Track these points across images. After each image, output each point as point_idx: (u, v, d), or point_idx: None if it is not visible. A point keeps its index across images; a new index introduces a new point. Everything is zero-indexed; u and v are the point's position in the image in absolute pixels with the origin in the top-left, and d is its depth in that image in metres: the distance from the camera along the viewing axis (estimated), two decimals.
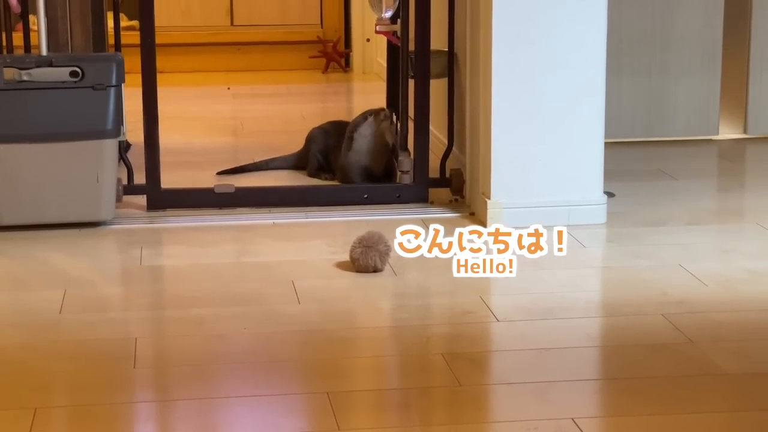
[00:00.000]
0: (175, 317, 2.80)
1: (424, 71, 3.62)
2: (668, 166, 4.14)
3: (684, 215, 3.55)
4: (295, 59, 6.35)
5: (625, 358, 2.51)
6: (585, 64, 3.38)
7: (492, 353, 2.60)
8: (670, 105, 4.51)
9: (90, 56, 3.51)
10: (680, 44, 4.47)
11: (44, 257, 3.21)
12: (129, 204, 3.61)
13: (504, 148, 3.40)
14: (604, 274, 3.11)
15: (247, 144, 4.66)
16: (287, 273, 3.04)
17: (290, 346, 2.60)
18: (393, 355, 2.60)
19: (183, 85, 5.88)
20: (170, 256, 3.27)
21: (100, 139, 3.36)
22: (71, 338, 2.63)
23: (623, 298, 2.87)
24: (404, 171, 3.68)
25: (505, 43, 3.35)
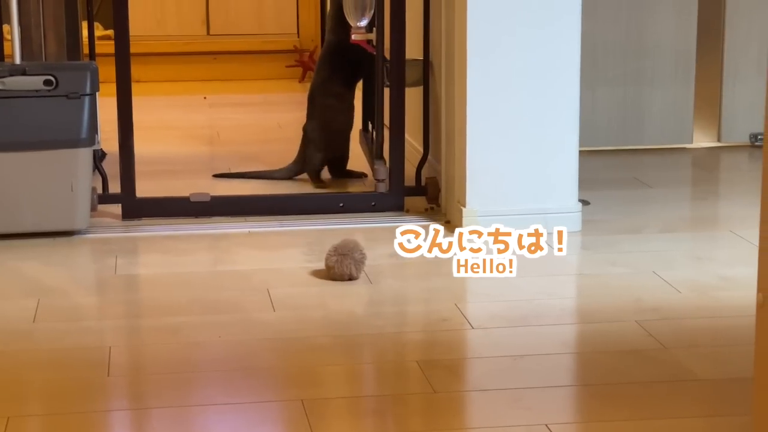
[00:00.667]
0: (149, 326, 2.80)
1: (400, 80, 3.63)
2: (643, 174, 4.16)
3: (658, 223, 3.57)
4: (271, 68, 6.35)
5: (600, 365, 2.52)
6: (559, 73, 3.40)
7: (467, 360, 2.60)
8: (645, 113, 4.53)
9: (64, 65, 3.50)
10: (654, 53, 4.50)
11: (18, 266, 3.20)
12: (104, 213, 3.60)
13: (479, 157, 3.41)
14: (578, 281, 3.12)
15: (224, 153, 4.65)
16: (262, 281, 3.04)
17: (265, 353, 2.59)
18: (368, 362, 2.61)
19: (159, 94, 5.87)
20: (145, 265, 3.26)
21: (75, 148, 3.35)
22: (45, 347, 2.62)
23: (598, 305, 2.88)
24: (380, 179, 3.68)
25: (480, 52, 3.36)
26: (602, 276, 3.09)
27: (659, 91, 4.51)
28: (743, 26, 4.54)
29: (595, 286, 3.03)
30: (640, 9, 4.46)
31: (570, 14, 3.37)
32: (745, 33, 4.55)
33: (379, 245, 3.32)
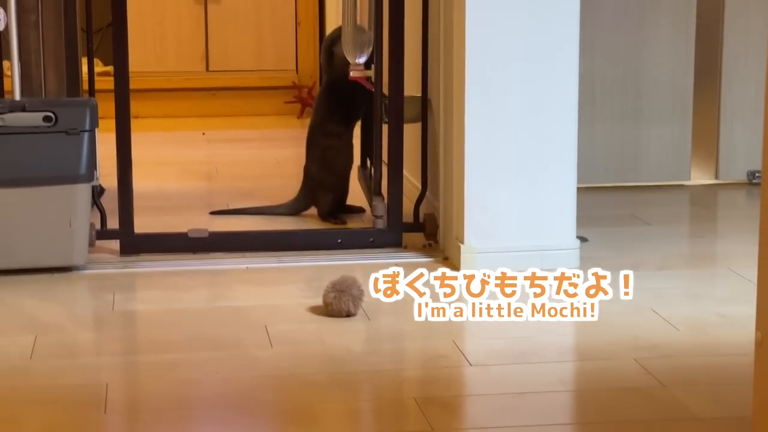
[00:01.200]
0: (146, 362, 2.79)
1: (398, 116, 3.64)
2: (641, 211, 4.17)
3: (656, 260, 3.57)
4: (270, 104, 6.37)
5: (598, 403, 2.52)
6: (557, 110, 3.41)
7: (465, 398, 2.59)
8: (643, 151, 4.54)
9: (63, 101, 3.51)
10: (652, 91, 4.51)
11: (16, 302, 3.19)
12: (102, 249, 3.60)
13: (477, 193, 3.42)
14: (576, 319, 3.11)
15: (222, 189, 4.66)
16: (260, 317, 3.03)
17: (263, 390, 2.59)
18: (366, 399, 2.60)
19: (158, 130, 5.89)
20: (143, 301, 3.26)
21: (73, 184, 3.36)
22: (42, 384, 2.62)
23: (596, 342, 2.87)
24: (378, 216, 3.68)
25: (478, 89, 3.37)
26: (600, 313, 3.07)
27: (657, 128, 4.53)
28: (740, 64, 4.56)
29: (593, 323, 3.02)
30: (638, 47, 4.49)
31: (568, 51, 3.39)
32: (743, 71, 4.57)
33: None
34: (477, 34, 3.35)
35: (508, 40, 3.36)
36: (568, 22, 3.37)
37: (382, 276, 2.94)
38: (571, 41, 3.38)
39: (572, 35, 3.38)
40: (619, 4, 4.47)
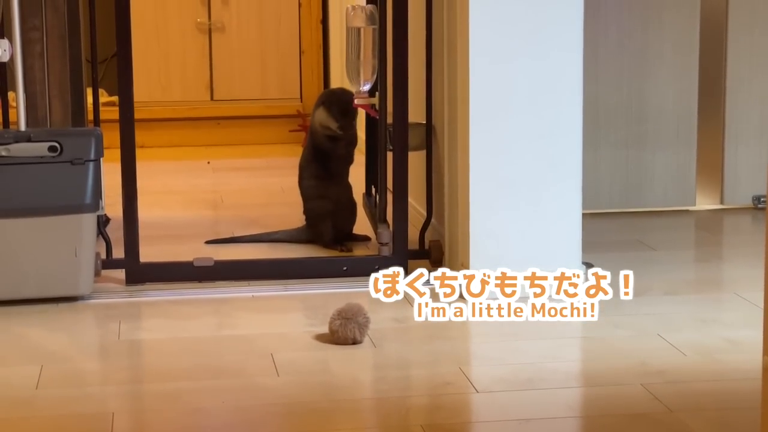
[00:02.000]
0: (152, 391, 2.79)
1: (403, 143, 3.64)
2: (646, 236, 4.16)
3: (662, 285, 3.56)
4: (275, 133, 6.38)
5: (606, 429, 2.51)
6: (562, 136, 3.41)
7: (472, 424, 2.58)
8: (647, 176, 4.54)
9: (69, 131, 3.52)
10: (656, 116, 4.52)
11: (21, 332, 3.19)
12: (108, 278, 3.60)
13: (482, 220, 3.42)
14: (583, 344, 3.11)
15: (228, 217, 4.66)
16: (266, 346, 3.03)
17: (269, 418, 2.58)
18: (373, 427, 2.59)
19: (163, 159, 5.90)
20: (149, 330, 3.26)
21: (79, 214, 3.36)
22: (47, 414, 2.61)
23: (603, 368, 2.86)
24: (383, 243, 3.68)
25: (483, 116, 3.38)
26: (606, 339, 3.08)
27: (661, 154, 4.53)
28: (744, 89, 4.57)
29: (600, 349, 3.02)
30: (641, 73, 4.49)
31: (572, 77, 3.39)
32: (746, 96, 4.57)
33: (383, 309, 3.31)
34: (481, 60, 3.35)
35: (511, 67, 3.37)
36: (571, 47, 3.38)
37: (382, 276, 2.96)
38: (574, 67, 3.39)
39: (576, 61, 3.39)
40: (623, 29, 4.48)
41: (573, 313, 2.92)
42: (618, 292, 3.01)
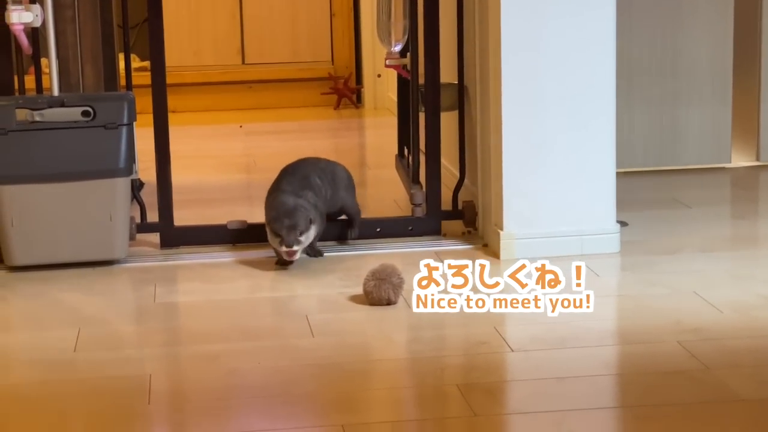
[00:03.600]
0: (189, 353, 2.80)
1: (435, 104, 3.63)
2: (681, 194, 4.13)
3: (698, 243, 3.54)
4: (306, 96, 6.38)
5: (641, 386, 2.50)
6: (595, 94, 3.39)
7: (507, 383, 2.59)
8: (682, 133, 4.51)
9: (101, 96, 3.53)
10: (690, 72, 4.48)
11: (58, 297, 3.22)
12: (142, 242, 3.62)
13: (516, 180, 3.40)
14: (618, 303, 3.10)
15: (261, 181, 4.65)
16: (301, 307, 3.04)
17: (305, 379, 2.59)
18: (408, 386, 2.60)
19: (195, 124, 5.91)
20: (184, 293, 3.27)
21: (113, 178, 3.38)
22: (86, 376, 2.63)
23: (638, 326, 2.85)
24: (416, 204, 3.68)
25: (515, 75, 3.36)
26: (642, 297, 3.07)
27: (696, 110, 4.49)
28: None
29: (635, 307, 3.01)
30: (675, 29, 4.45)
31: (605, 34, 3.36)
32: None
33: (417, 269, 3.31)
34: (513, 19, 3.33)
35: (544, 25, 3.34)
36: (604, 3, 3.35)
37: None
38: (607, 23, 3.36)
39: (609, 17, 3.36)
40: None
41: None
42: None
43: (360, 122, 6.12)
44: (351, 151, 5.55)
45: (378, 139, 5.64)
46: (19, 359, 2.80)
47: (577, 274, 2.90)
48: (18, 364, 2.76)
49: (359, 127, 6.05)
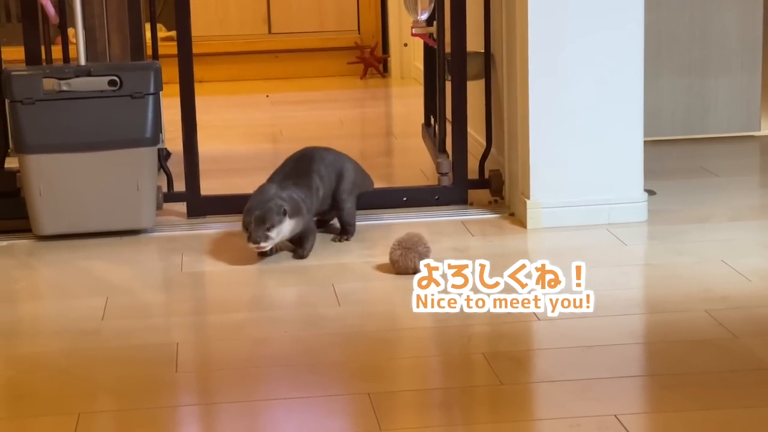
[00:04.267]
0: (216, 322, 2.81)
1: (461, 73, 3.61)
2: (709, 163, 4.11)
3: (726, 211, 3.52)
4: (333, 66, 6.36)
5: (669, 355, 2.49)
6: (623, 62, 3.36)
7: (533, 351, 2.58)
8: (711, 102, 4.47)
9: (128, 65, 3.54)
10: (719, 41, 4.44)
11: (86, 265, 3.24)
12: (169, 211, 3.63)
13: (542, 148, 3.39)
14: (645, 272, 3.09)
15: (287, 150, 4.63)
16: (327, 276, 3.04)
17: (331, 348, 2.60)
18: (434, 355, 2.60)
19: (221, 93, 5.91)
20: (210, 262, 3.28)
21: (139, 147, 3.38)
22: (113, 344, 2.65)
23: (666, 294, 2.84)
24: (443, 173, 3.67)
25: (542, 43, 3.33)
26: (670, 266, 3.05)
27: (725, 79, 4.45)
28: None
29: (663, 275, 2.99)
30: None
31: (634, 3, 3.33)
32: None
33: (444, 239, 3.31)
34: None
35: None
36: None
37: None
38: None
39: None
40: None
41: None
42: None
43: (386, 91, 6.11)
44: (377, 120, 5.54)
45: (404, 108, 5.62)
46: (47, 328, 2.81)
47: (577, 274, 2.75)
48: (46, 333, 2.78)
49: (385, 97, 6.04)
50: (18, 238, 3.43)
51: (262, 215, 3.08)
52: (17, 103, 3.33)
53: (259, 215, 3.08)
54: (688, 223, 3.41)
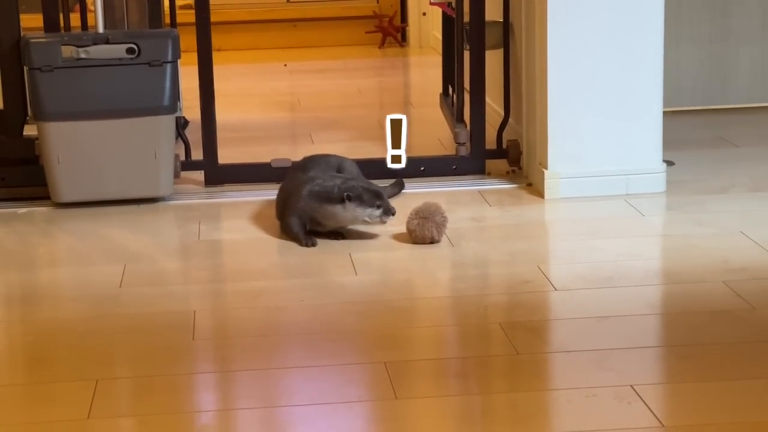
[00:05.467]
0: (233, 290, 2.82)
1: (480, 42, 3.59)
2: (729, 133, 4.08)
3: (746, 182, 3.50)
4: (351, 35, 6.34)
5: (686, 325, 2.49)
6: (642, 32, 3.34)
7: (550, 321, 2.58)
8: (731, 72, 4.44)
9: (146, 33, 3.53)
10: (740, 10, 4.40)
11: (104, 233, 3.24)
12: (187, 180, 3.63)
13: (561, 118, 3.37)
14: (663, 242, 3.08)
15: (305, 119, 4.66)
16: (344, 245, 3.04)
17: (348, 316, 2.60)
18: (451, 324, 2.60)
19: (240, 62, 5.90)
20: (228, 231, 3.29)
21: (157, 115, 3.38)
22: (131, 311, 2.66)
23: (683, 265, 2.83)
24: (461, 143, 3.66)
25: (561, 13, 3.31)
26: (688, 236, 3.04)
27: (746, 48, 4.42)
28: None
29: (681, 246, 2.99)
30: None
31: None
32: None
33: (461, 208, 3.31)
34: None
35: None
36: None
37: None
38: None
39: None
40: None
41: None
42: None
43: (405, 61, 6.09)
44: (395, 89, 5.52)
45: (422, 78, 5.61)
46: (65, 294, 2.83)
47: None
48: (65, 300, 2.79)
49: (404, 66, 6.02)
50: (37, 206, 3.44)
51: (371, 187, 3.03)
52: (36, 71, 3.33)
53: (377, 189, 3.02)
54: (706, 194, 3.40)
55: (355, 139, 4.13)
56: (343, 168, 3.29)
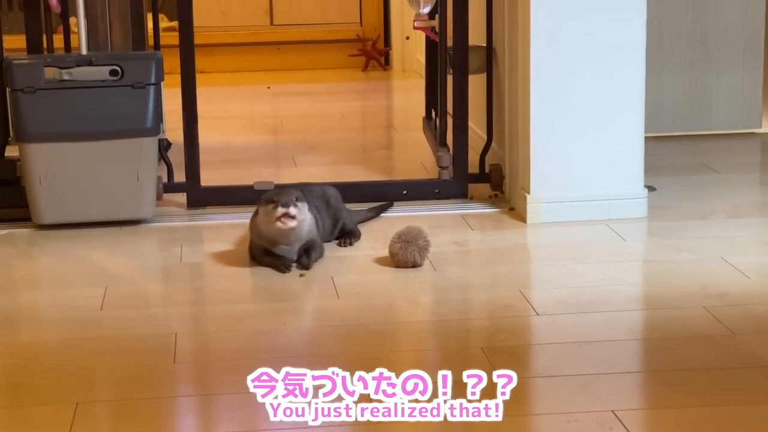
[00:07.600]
0: (214, 313, 2.82)
1: (463, 67, 3.61)
2: (710, 159, 4.11)
3: (726, 208, 3.52)
4: (334, 58, 6.36)
5: (667, 351, 2.49)
6: (625, 58, 3.36)
7: (532, 346, 2.58)
8: (712, 99, 4.47)
9: (129, 55, 3.53)
10: (721, 38, 4.43)
11: (85, 255, 3.24)
12: (169, 202, 3.63)
13: (543, 143, 3.39)
14: (645, 268, 3.09)
15: (287, 142, 4.67)
16: (326, 269, 3.04)
17: (330, 340, 2.60)
18: (433, 348, 2.60)
19: (223, 85, 5.91)
20: (210, 253, 3.28)
21: (140, 137, 3.38)
22: (112, 334, 2.65)
23: (664, 291, 2.84)
24: (443, 166, 3.67)
25: (544, 38, 3.33)
26: (669, 262, 3.05)
27: (727, 75, 4.45)
28: None
29: (662, 272, 3.00)
30: None
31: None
32: None
33: (443, 232, 3.31)
34: None
35: None
36: None
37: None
38: None
39: None
40: None
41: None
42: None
43: (388, 84, 6.11)
44: (378, 113, 5.54)
45: (405, 101, 5.62)
46: (46, 317, 2.82)
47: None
48: (45, 322, 2.78)
49: (387, 89, 6.03)
50: (18, 227, 3.43)
51: (287, 190, 3.06)
52: (18, 92, 3.33)
53: (282, 189, 3.08)
54: (687, 219, 3.41)
55: (338, 163, 4.14)
56: (327, 196, 3.27)
